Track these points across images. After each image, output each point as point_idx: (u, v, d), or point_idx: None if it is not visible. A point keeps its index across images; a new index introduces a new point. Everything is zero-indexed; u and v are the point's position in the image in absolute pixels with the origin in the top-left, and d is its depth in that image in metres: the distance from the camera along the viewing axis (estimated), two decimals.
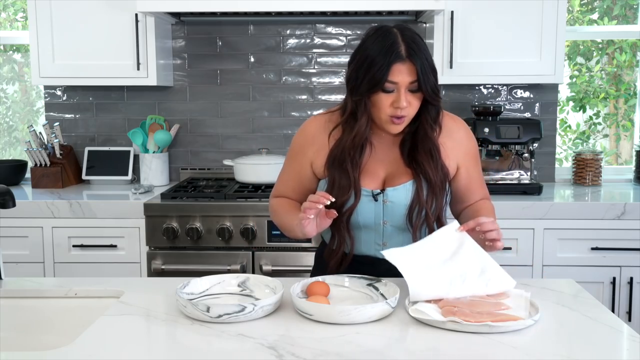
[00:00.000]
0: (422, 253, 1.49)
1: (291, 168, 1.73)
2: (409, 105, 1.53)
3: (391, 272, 1.56)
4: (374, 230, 1.65)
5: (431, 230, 1.62)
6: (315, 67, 3.19)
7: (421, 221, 1.61)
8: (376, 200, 1.62)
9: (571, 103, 3.48)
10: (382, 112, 1.55)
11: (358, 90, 1.55)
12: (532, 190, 2.81)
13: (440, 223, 1.64)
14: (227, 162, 3.00)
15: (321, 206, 1.48)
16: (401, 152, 1.64)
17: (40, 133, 3.12)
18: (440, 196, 1.61)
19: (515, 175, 2.96)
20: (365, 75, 1.53)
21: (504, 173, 2.96)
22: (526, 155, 2.91)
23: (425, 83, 1.52)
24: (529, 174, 2.94)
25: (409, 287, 1.40)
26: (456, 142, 1.67)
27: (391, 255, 1.48)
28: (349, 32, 3.17)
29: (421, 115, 1.60)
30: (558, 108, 3.23)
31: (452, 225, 1.53)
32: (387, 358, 1.20)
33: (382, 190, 1.62)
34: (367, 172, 1.63)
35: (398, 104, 1.52)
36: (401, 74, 1.51)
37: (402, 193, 1.61)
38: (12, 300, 1.57)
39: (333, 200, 1.49)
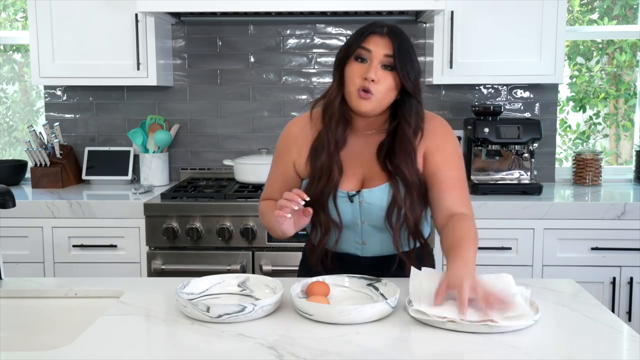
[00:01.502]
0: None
1: (277, 169, 1.74)
2: (379, 82, 1.53)
3: (374, 268, 1.62)
4: (352, 230, 1.67)
5: (411, 232, 1.61)
6: (315, 67, 3.19)
7: (401, 222, 1.60)
8: (352, 201, 1.62)
9: (571, 103, 3.48)
10: (352, 83, 1.55)
11: (337, 57, 1.60)
12: (532, 190, 2.81)
13: (417, 227, 1.62)
14: (227, 162, 3.00)
15: (296, 207, 1.48)
16: (378, 155, 1.63)
17: (40, 133, 3.12)
18: (418, 197, 1.60)
19: (515, 175, 2.96)
20: (344, 45, 1.59)
21: (504, 173, 2.96)
22: (526, 155, 2.91)
23: (401, 61, 1.53)
24: (529, 174, 2.94)
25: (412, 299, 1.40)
26: (428, 134, 1.62)
27: (415, 274, 1.46)
28: (349, 32, 3.16)
29: (399, 112, 1.60)
30: (558, 108, 3.23)
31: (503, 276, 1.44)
32: (387, 358, 1.20)
33: (358, 192, 1.62)
34: (345, 173, 1.63)
35: (367, 74, 1.52)
36: (376, 46, 1.54)
37: (377, 195, 1.61)
38: (12, 300, 1.57)
39: (307, 199, 1.49)
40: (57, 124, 3.15)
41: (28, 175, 3.17)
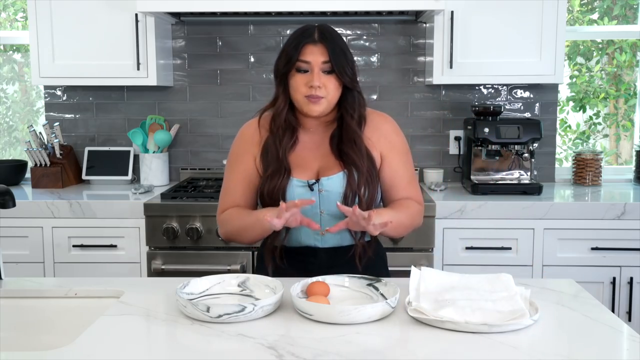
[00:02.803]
0: (447, 282, 1.48)
1: (236, 172, 1.77)
2: (324, 87, 1.64)
3: (332, 259, 1.68)
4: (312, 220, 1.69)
5: None
6: None
7: None
8: (312, 189, 1.68)
9: (571, 103, 3.48)
10: (299, 93, 1.66)
11: (277, 73, 1.71)
12: (532, 190, 2.81)
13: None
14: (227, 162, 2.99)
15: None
16: (331, 146, 1.72)
17: (40, 133, 3.12)
18: (371, 183, 1.68)
19: (515, 175, 2.96)
20: (282, 58, 1.68)
21: (504, 173, 2.96)
22: (526, 155, 2.91)
23: (337, 63, 1.64)
24: (529, 174, 2.94)
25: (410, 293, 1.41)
26: (381, 134, 1.75)
27: (415, 274, 1.49)
28: (349, 32, 3.17)
29: (341, 105, 1.70)
30: (558, 108, 3.23)
31: (501, 275, 1.49)
32: (387, 358, 1.20)
33: (317, 180, 1.68)
34: (301, 165, 1.70)
35: (311, 82, 1.63)
36: (313, 54, 1.64)
37: (336, 182, 1.68)
38: (12, 300, 1.57)
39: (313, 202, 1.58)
40: (57, 124, 3.15)
41: (28, 175, 3.17)
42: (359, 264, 1.69)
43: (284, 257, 1.72)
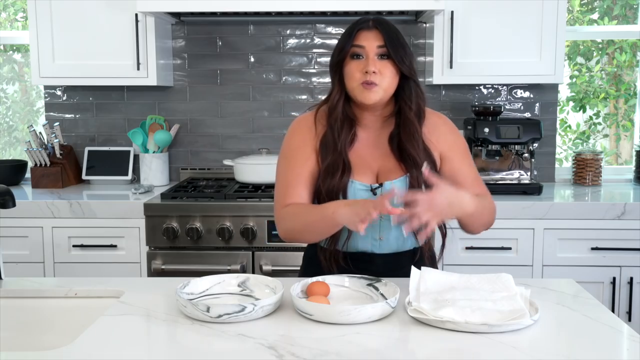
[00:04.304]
0: (447, 282, 1.48)
1: (298, 165, 1.67)
2: (380, 73, 1.58)
3: (387, 267, 1.62)
4: (370, 225, 1.64)
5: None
6: (315, 67, 3.19)
7: None
8: (375, 194, 1.63)
9: (571, 103, 3.48)
10: (354, 80, 1.60)
11: (332, 64, 1.65)
12: (532, 190, 2.81)
13: None
14: (227, 162, 3.00)
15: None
16: (390, 146, 1.66)
17: (40, 133, 3.13)
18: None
19: (515, 175, 2.96)
20: (336, 48, 1.64)
21: (504, 173, 2.96)
22: (526, 155, 2.91)
23: (393, 48, 1.58)
24: (529, 174, 2.94)
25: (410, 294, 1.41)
26: (440, 134, 1.70)
27: (415, 274, 1.48)
28: None
29: (399, 97, 1.64)
30: (558, 108, 3.23)
31: (502, 276, 1.49)
32: (387, 358, 1.20)
33: (381, 184, 1.63)
34: (361, 167, 1.64)
35: (367, 68, 1.57)
36: (367, 40, 1.59)
37: (398, 187, 1.62)
38: (12, 300, 1.57)
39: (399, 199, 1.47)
40: (57, 124, 3.15)
41: (28, 175, 3.17)
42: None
43: (340, 260, 1.65)
